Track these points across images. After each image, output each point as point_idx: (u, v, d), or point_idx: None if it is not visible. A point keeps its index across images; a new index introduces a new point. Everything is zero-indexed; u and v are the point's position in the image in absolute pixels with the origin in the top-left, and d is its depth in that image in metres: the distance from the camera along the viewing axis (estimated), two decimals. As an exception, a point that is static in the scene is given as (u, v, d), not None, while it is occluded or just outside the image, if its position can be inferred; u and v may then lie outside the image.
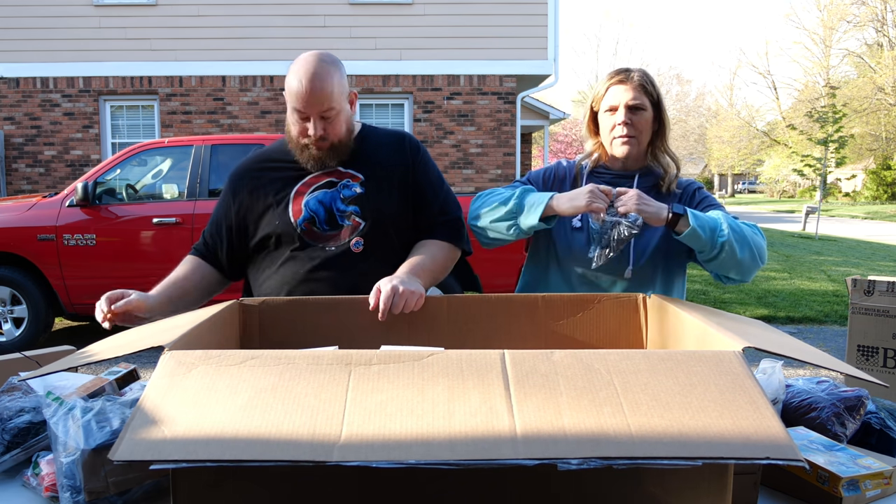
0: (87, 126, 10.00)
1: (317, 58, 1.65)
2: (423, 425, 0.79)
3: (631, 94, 1.75)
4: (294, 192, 1.74)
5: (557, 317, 1.55)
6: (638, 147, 1.80)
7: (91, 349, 1.16)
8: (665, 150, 1.84)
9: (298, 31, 9.99)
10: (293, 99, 1.65)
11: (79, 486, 1.07)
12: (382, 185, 1.77)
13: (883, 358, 2.39)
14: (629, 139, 1.77)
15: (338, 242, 1.72)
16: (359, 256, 1.72)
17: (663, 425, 0.78)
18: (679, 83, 46.68)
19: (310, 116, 1.65)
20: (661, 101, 1.80)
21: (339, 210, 1.72)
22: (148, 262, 5.37)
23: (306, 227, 1.71)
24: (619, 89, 1.76)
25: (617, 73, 1.80)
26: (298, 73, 1.63)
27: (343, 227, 1.73)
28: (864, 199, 33.37)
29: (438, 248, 1.77)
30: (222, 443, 0.76)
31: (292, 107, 1.66)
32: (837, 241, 14.89)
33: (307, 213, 1.72)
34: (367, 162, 1.77)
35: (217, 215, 1.84)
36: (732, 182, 54.59)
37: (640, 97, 1.75)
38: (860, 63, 35.16)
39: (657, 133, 1.82)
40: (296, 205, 1.72)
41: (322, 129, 1.66)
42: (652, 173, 1.84)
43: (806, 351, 1.07)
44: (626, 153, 1.79)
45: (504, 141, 10.28)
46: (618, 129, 1.77)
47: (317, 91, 1.63)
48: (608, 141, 1.81)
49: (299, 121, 1.67)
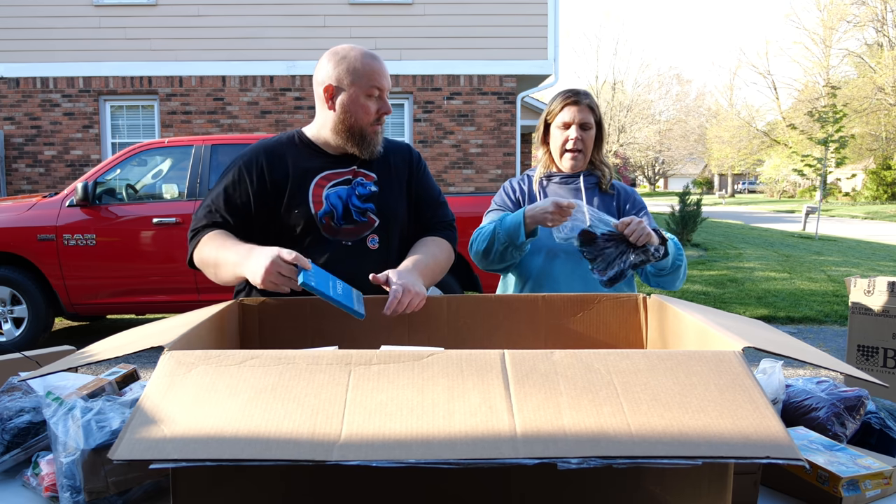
0: (87, 126, 10.00)
1: (359, 46, 1.74)
2: (423, 425, 0.79)
3: (582, 115, 2.07)
4: (314, 184, 1.74)
5: (557, 317, 1.56)
6: (584, 159, 2.12)
7: (91, 349, 1.16)
8: (601, 159, 2.18)
9: (298, 31, 9.99)
10: (374, 77, 1.69)
11: (79, 486, 1.07)
12: (393, 187, 1.82)
13: (883, 358, 2.39)
14: (577, 153, 2.10)
15: (354, 238, 1.74)
16: (375, 253, 1.75)
17: (663, 425, 0.78)
18: (679, 83, 46.70)
19: (384, 94, 1.73)
20: (601, 120, 2.14)
21: (356, 206, 1.75)
22: (148, 262, 5.38)
23: (325, 221, 1.72)
24: (573, 110, 2.07)
25: (570, 94, 2.10)
26: (367, 54, 1.70)
27: (358, 223, 1.75)
28: (864, 199, 33.36)
29: (438, 247, 1.81)
30: (222, 442, 0.76)
31: (371, 86, 1.69)
32: (837, 241, 14.89)
33: (327, 207, 1.73)
34: (378, 163, 1.81)
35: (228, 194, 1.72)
36: (732, 182, 54.59)
37: (588, 118, 2.08)
38: (860, 63, 35.14)
39: (597, 146, 2.15)
40: (315, 197, 1.73)
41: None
42: (593, 175, 2.17)
43: (806, 351, 1.07)
44: (572, 166, 2.12)
45: (504, 141, 10.28)
46: (569, 144, 2.09)
47: (386, 68, 1.73)
48: (558, 152, 2.12)
49: (376, 100, 1.72)
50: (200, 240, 1.68)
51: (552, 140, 2.14)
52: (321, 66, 1.73)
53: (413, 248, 1.78)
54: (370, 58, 1.70)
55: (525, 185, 2.18)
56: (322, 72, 1.73)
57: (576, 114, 2.06)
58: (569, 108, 2.07)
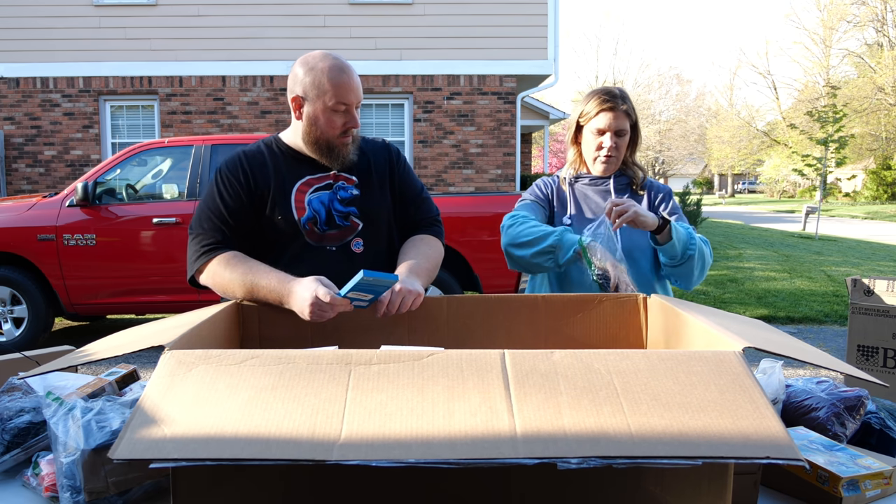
0: (87, 126, 10.00)
1: (333, 54, 1.70)
2: (423, 424, 0.79)
3: (618, 122, 1.98)
4: (295, 190, 1.74)
5: (557, 317, 1.55)
6: (616, 164, 2.06)
7: (90, 348, 1.16)
8: (634, 161, 2.11)
9: (298, 31, 9.99)
10: (339, 92, 1.65)
11: (79, 486, 1.07)
12: (374, 188, 1.80)
13: (883, 358, 2.39)
14: (610, 159, 2.02)
15: (338, 242, 1.74)
16: (360, 256, 1.74)
17: (663, 425, 0.78)
18: (679, 83, 46.62)
19: (352, 108, 1.69)
20: (637, 123, 2.05)
21: (338, 211, 1.74)
22: (148, 262, 5.38)
23: (309, 227, 1.72)
24: (608, 116, 1.98)
25: (606, 99, 1.99)
26: (334, 67, 1.66)
27: (342, 227, 1.74)
28: (864, 199, 33.35)
29: (429, 245, 1.80)
30: (222, 442, 0.76)
31: (336, 101, 1.66)
32: (837, 241, 14.89)
33: (310, 213, 1.72)
34: (358, 166, 1.80)
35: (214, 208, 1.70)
36: (732, 182, 54.59)
37: (623, 124, 1.99)
38: (860, 63, 35.14)
39: (630, 149, 2.08)
40: (298, 203, 1.72)
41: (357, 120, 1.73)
42: (625, 175, 2.10)
43: (806, 351, 1.07)
44: (605, 171, 2.06)
45: (504, 141, 10.28)
46: (603, 150, 2.01)
47: (356, 81, 1.69)
48: (591, 157, 2.06)
49: (342, 114, 1.69)
50: (210, 260, 1.64)
51: (584, 143, 2.06)
52: (292, 73, 1.71)
53: (403, 249, 1.78)
54: (338, 71, 1.65)
55: (555, 184, 2.14)
56: (292, 79, 1.70)
57: (611, 121, 1.97)
58: (604, 115, 1.98)
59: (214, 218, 1.68)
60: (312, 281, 1.45)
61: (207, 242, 1.66)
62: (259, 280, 1.54)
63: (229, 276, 1.59)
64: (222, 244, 1.66)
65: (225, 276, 1.60)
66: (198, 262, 1.65)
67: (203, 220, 1.69)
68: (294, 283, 1.49)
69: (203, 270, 1.65)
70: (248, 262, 1.61)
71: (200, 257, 1.65)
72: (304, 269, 1.70)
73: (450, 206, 5.41)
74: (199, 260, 1.65)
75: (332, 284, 1.46)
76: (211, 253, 1.64)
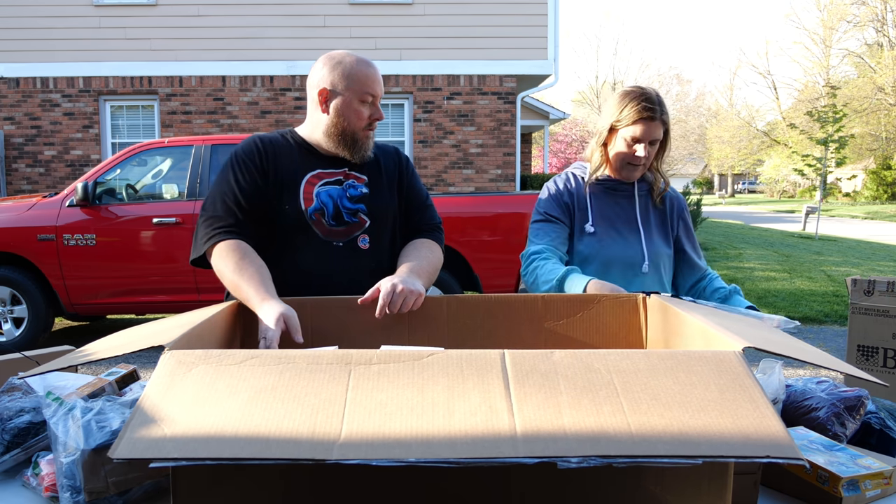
0: (87, 126, 9.99)
1: (354, 52, 1.78)
2: (423, 424, 0.79)
3: (655, 132, 1.93)
4: (305, 181, 1.74)
5: (557, 317, 1.55)
6: (644, 171, 2.03)
7: (90, 348, 1.16)
8: (659, 168, 2.07)
9: (298, 31, 9.99)
10: (368, 82, 1.72)
11: (79, 486, 1.07)
12: (384, 188, 1.83)
13: (883, 358, 2.39)
14: (640, 167, 1.99)
15: (345, 238, 1.75)
16: (365, 253, 1.76)
17: (663, 424, 0.78)
18: (679, 83, 46.65)
19: (377, 100, 1.75)
20: (669, 129, 1.99)
21: (346, 207, 1.75)
22: (148, 262, 5.38)
23: (315, 218, 1.73)
24: (647, 126, 1.91)
25: (648, 107, 1.90)
26: (361, 61, 1.73)
27: (349, 223, 1.75)
28: (864, 199, 33.35)
29: (429, 248, 1.82)
30: (222, 441, 0.76)
31: (364, 91, 1.72)
32: (837, 241, 14.89)
33: (318, 204, 1.73)
34: (369, 166, 1.82)
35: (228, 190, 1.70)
36: (732, 182, 54.59)
37: (658, 133, 1.94)
38: (860, 63, 35.14)
39: (658, 156, 2.04)
40: (306, 193, 1.73)
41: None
42: (645, 180, 2.08)
43: (806, 351, 1.07)
44: (632, 177, 2.03)
45: (504, 141, 10.28)
46: (636, 159, 1.96)
47: (380, 75, 1.76)
48: (620, 161, 1.99)
49: (369, 106, 1.74)
50: (216, 244, 1.64)
51: (614, 147, 1.99)
52: (316, 69, 1.74)
53: (404, 251, 1.80)
54: (365, 65, 1.73)
55: (572, 185, 2.07)
56: (317, 75, 1.73)
57: (649, 132, 1.91)
58: (643, 124, 1.90)
59: (229, 200, 1.69)
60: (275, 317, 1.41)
61: (219, 225, 1.66)
62: (241, 282, 1.55)
63: (222, 267, 1.61)
64: (234, 227, 1.67)
65: (219, 266, 1.63)
66: (206, 245, 1.66)
67: (217, 202, 1.70)
68: (264, 306, 1.46)
69: (211, 253, 1.66)
70: (243, 259, 1.60)
71: (210, 240, 1.65)
72: (311, 263, 1.71)
73: (450, 206, 5.40)
74: (208, 243, 1.66)
75: (294, 318, 1.43)
76: (219, 237, 1.65)
